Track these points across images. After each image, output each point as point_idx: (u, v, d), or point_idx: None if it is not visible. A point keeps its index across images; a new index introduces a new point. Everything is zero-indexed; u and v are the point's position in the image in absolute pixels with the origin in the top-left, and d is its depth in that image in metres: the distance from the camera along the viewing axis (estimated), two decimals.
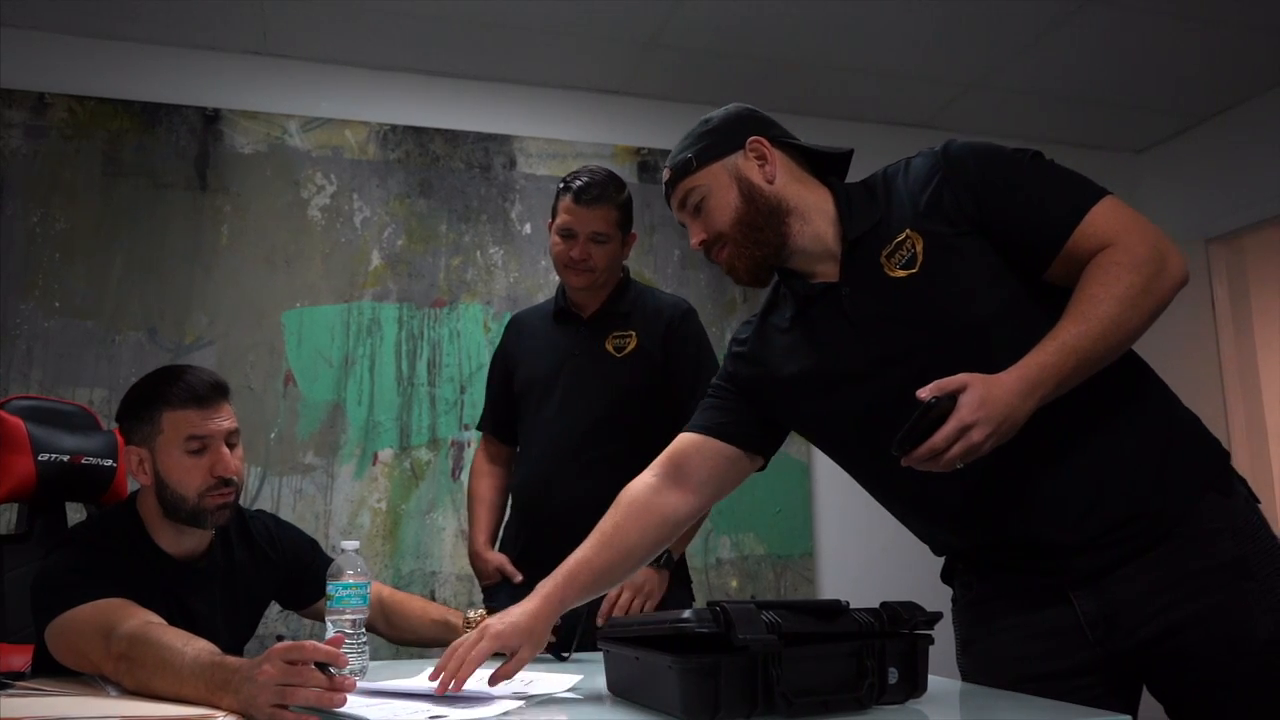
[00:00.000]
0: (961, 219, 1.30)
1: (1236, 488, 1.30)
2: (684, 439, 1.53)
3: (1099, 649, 1.28)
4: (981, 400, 1.15)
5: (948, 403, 1.15)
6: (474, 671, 1.26)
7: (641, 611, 1.98)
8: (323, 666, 1.13)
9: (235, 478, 1.63)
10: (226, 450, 1.62)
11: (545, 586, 1.39)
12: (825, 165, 1.47)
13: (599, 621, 1.86)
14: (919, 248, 1.32)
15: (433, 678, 1.27)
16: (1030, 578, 1.33)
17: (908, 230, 1.33)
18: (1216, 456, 1.32)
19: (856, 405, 1.37)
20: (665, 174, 1.49)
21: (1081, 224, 1.25)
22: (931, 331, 1.31)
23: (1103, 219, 1.25)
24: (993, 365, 1.20)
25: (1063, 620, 1.30)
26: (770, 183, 1.41)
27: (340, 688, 1.13)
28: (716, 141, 1.44)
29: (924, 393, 1.16)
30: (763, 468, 1.56)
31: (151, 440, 1.61)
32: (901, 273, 1.33)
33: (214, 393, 1.63)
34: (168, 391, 1.61)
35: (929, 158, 1.36)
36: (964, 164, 1.32)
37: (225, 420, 1.63)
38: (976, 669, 1.41)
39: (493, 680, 1.28)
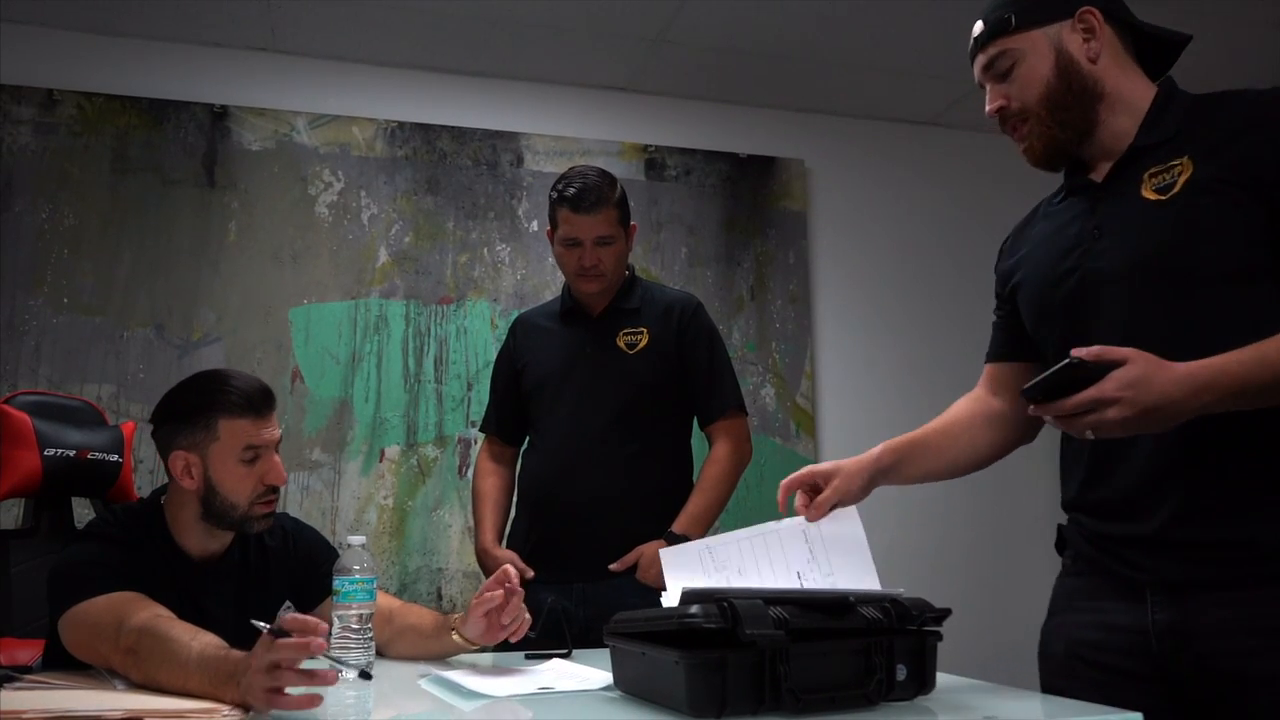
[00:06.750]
0: (1245, 170, 1.18)
1: None
2: (990, 369, 1.51)
3: (1161, 661, 1.20)
4: (1134, 381, 1.06)
5: (1096, 369, 1.07)
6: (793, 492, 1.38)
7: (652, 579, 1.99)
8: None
9: (282, 486, 1.64)
10: (277, 458, 1.63)
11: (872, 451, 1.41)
12: (1159, 59, 1.37)
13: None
14: (1183, 178, 1.21)
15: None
16: (1117, 566, 1.26)
17: (1185, 156, 1.22)
18: None
19: (1062, 307, 1.31)
20: (977, 27, 1.37)
21: None
22: (1144, 266, 1.22)
23: None
24: (1189, 325, 1.14)
25: (1134, 620, 1.23)
26: (1092, 61, 1.30)
27: (321, 681, 1.11)
28: (1044, 3, 1.31)
29: (1079, 352, 1.08)
30: None
31: (205, 446, 1.59)
32: (1153, 196, 1.23)
33: (267, 401, 1.63)
34: (223, 399, 1.59)
35: (1268, 94, 1.23)
36: None
37: (276, 429, 1.64)
38: (1047, 640, 1.38)
39: (811, 513, 1.37)
